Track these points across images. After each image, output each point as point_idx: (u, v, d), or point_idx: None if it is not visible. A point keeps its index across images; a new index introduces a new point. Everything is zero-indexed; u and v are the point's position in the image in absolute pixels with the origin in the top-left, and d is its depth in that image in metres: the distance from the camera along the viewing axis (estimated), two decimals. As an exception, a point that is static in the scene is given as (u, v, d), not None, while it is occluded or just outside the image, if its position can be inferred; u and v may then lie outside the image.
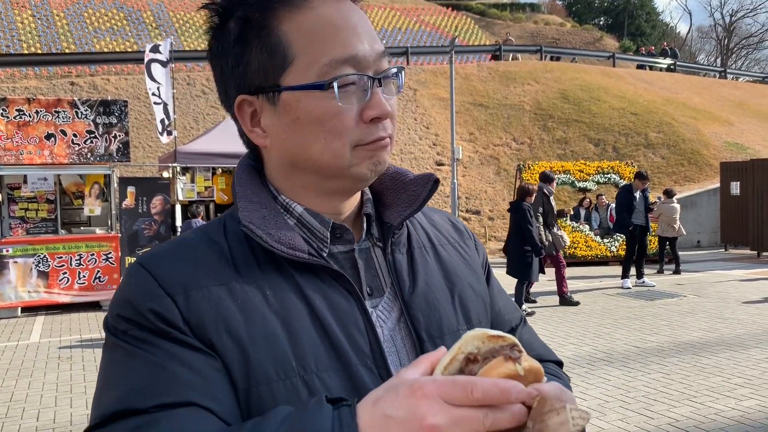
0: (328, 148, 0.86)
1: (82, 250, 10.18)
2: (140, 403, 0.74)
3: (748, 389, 5.64)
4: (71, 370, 6.76)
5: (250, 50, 0.87)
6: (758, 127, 23.42)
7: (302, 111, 0.86)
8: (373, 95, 0.87)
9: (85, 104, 10.36)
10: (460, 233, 1.10)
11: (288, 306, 0.84)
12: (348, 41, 0.86)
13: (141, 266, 0.84)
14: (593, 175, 15.00)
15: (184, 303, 0.80)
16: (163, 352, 0.78)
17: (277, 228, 0.87)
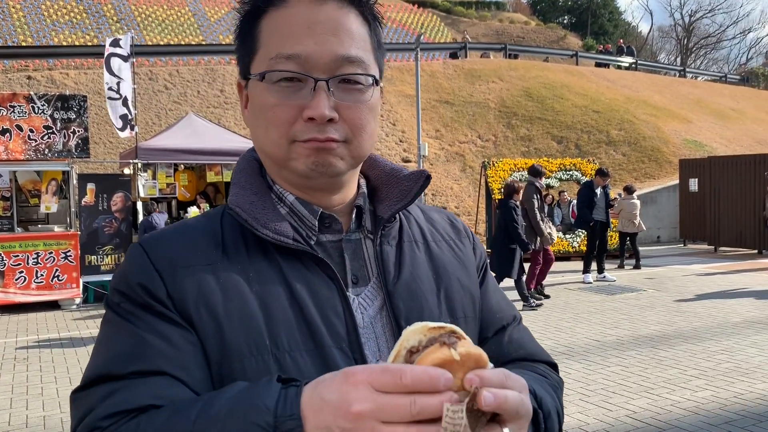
0: (268, 137, 0.92)
1: (39, 248, 9.95)
2: (118, 369, 0.82)
3: (703, 380, 5.79)
4: (27, 371, 6.61)
5: (241, 40, 0.96)
6: (715, 125, 24.00)
7: (254, 98, 0.94)
8: (314, 96, 0.88)
9: (42, 99, 10.12)
10: (457, 231, 1.12)
11: (268, 287, 0.88)
12: (299, 39, 0.89)
13: (140, 245, 0.93)
14: (556, 171, 15.20)
15: (170, 279, 0.87)
16: (145, 324, 0.85)
17: (264, 213, 0.93)
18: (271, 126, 0.91)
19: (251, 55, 0.94)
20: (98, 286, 10.60)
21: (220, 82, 20.07)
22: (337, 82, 0.90)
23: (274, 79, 0.89)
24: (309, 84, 0.89)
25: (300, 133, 0.90)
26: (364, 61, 0.92)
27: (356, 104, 0.91)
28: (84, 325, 8.88)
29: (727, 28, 56.28)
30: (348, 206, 1.00)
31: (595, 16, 49.51)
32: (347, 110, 0.91)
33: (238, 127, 17.83)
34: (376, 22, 0.97)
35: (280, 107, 0.90)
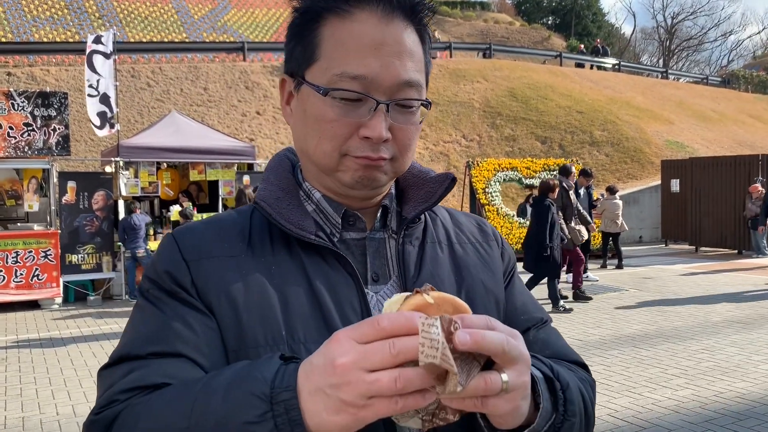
0: (320, 147, 0.93)
1: (19, 247, 9.82)
2: (139, 350, 0.87)
3: (684, 379, 5.84)
4: (6, 372, 6.52)
5: (298, 39, 0.97)
6: (696, 126, 24.25)
7: (308, 105, 0.94)
8: (373, 117, 0.90)
9: (22, 96, 10.00)
10: (484, 235, 1.13)
11: (288, 281, 0.92)
12: (365, 60, 0.90)
13: (172, 236, 0.97)
14: (540, 172, 15.27)
15: (195, 268, 0.91)
16: (169, 309, 0.90)
17: (289, 209, 0.96)
18: (325, 138, 0.92)
19: (309, 62, 0.94)
20: (79, 285, 10.49)
21: (203, 80, 19.94)
22: (394, 105, 0.92)
23: (336, 97, 0.91)
24: (369, 104, 0.90)
25: (354, 149, 0.92)
26: (421, 84, 0.95)
27: (408, 126, 0.94)
28: (64, 324, 8.77)
29: (708, 30, 56.89)
30: (374, 206, 1.02)
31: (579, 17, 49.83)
32: (398, 131, 0.93)
33: (222, 126, 17.72)
34: (428, 40, 0.99)
35: (338, 123, 0.91)
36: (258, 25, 29.45)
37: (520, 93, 22.91)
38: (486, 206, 14.49)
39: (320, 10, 0.93)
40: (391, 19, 0.92)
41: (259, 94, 20.03)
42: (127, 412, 0.81)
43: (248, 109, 19.36)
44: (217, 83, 19.97)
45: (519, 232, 14.23)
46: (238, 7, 30.71)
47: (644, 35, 59.46)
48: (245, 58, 22.17)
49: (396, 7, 0.92)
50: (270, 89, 20.33)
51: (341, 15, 0.92)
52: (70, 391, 5.85)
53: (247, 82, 20.36)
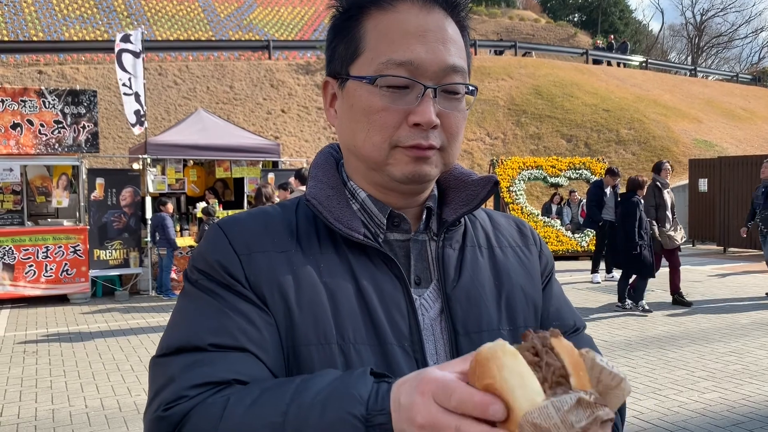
0: (369, 140, 0.92)
1: (49, 242, 10.01)
2: (200, 341, 0.84)
3: (711, 382, 5.76)
4: (37, 365, 6.65)
5: (340, 37, 0.97)
6: (726, 125, 23.85)
7: (356, 100, 0.93)
8: (420, 102, 0.90)
9: (52, 93, 10.17)
10: (524, 238, 1.11)
11: (337, 280, 0.91)
12: (411, 47, 0.90)
13: (219, 227, 0.96)
14: (565, 170, 15.15)
15: (247, 262, 0.90)
16: (226, 301, 0.88)
17: (339, 208, 0.95)
18: (374, 129, 0.92)
19: (353, 57, 0.94)
20: (107, 280, 10.66)
21: (229, 78, 20.11)
22: (441, 90, 0.92)
23: (382, 84, 0.90)
24: (416, 90, 0.90)
25: (404, 139, 0.91)
26: (465, 70, 0.95)
27: (455, 112, 0.94)
28: (92, 319, 8.93)
29: (739, 27, 56.11)
30: (418, 207, 1.01)
31: (605, 14, 49.26)
32: (446, 118, 0.93)
33: (247, 123, 17.86)
34: (467, 32, 0.99)
35: (387, 111, 0.90)
36: (283, 24, 29.60)
37: (546, 91, 22.74)
38: (510, 205, 14.42)
39: (362, 5, 0.94)
40: (432, 8, 0.93)
41: (284, 92, 20.15)
42: (203, 412, 0.79)
43: (273, 107, 19.48)
44: (242, 81, 20.13)
45: (543, 232, 14.13)
46: (263, 6, 30.90)
47: (672, 32, 58.64)
48: (270, 57, 22.31)
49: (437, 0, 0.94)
50: (295, 87, 20.44)
51: (383, 8, 0.93)
52: (98, 384, 5.96)
53: (272, 80, 20.49)
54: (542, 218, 14.52)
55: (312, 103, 20.00)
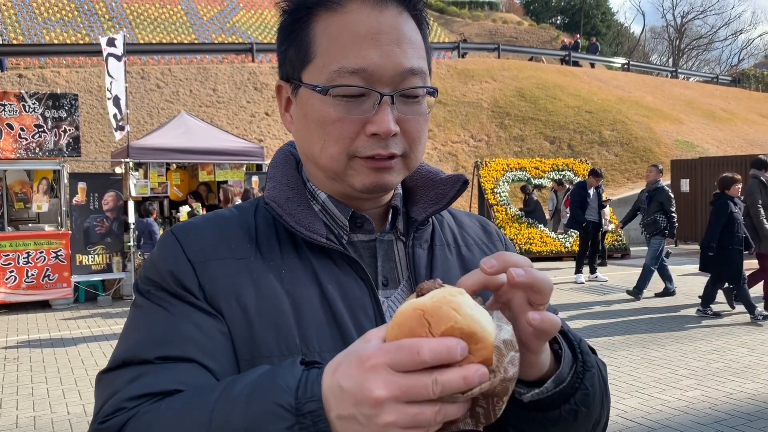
0: (326, 151, 0.88)
1: (30, 247, 9.90)
2: (146, 354, 0.81)
3: (694, 380, 5.81)
4: (18, 372, 6.57)
5: (290, 41, 0.92)
6: (706, 125, 24.12)
7: (309, 109, 0.89)
8: (378, 111, 0.86)
9: (33, 97, 10.07)
10: (489, 235, 1.10)
11: (300, 286, 0.87)
12: (363, 52, 0.85)
13: (172, 234, 0.92)
14: (548, 172, 15.24)
15: (202, 270, 0.86)
16: (177, 310, 0.84)
17: (299, 210, 0.92)
18: (330, 141, 0.88)
19: (304, 62, 0.90)
20: (89, 285, 10.56)
21: (212, 81, 20.02)
22: (399, 96, 0.87)
23: (335, 93, 0.86)
24: (372, 98, 0.86)
25: (362, 149, 0.87)
26: (424, 71, 0.90)
27: (415, 117, 0.89)
28: (75, 325, 8.83)
29: (718, 29, 56.70)
30: (382, 207, 0.98)
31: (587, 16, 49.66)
32: (407, 123, 0.88)
33: (231, 126, 17.79)
34: (425, 26, 0.94)
35: (342, 122, 0.86)
36: (267, 26, 29.53)
37: (529, 93, 22.86)
38: (494, 206, 14.47)
39: (309, 6, 0.89)
40: (384, 6, 0.87)
41: (268, 95, 20.09)
42: (136, 420, 0.75)
43: (257, 110, 19.42)
44: (225, 84, 20.04)
45: (527, 233, 14.20)
46: (246, 9, 30.82)
47: (654, 34, 59.25)
48: (254, 59, 22.25)
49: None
50: (278, 90, 20.43)
51: (332, 8, 0.87)
52: (80, 391, 5.89)
53: (255, 83, 20.42)
54: (526, 219, 14.59)
55: (296, 105, 19.99)
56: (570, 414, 0.83)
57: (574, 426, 0.85)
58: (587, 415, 0.85)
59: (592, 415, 0.87)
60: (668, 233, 9.65)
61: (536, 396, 0.81)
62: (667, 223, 9.63)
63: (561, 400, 0.82)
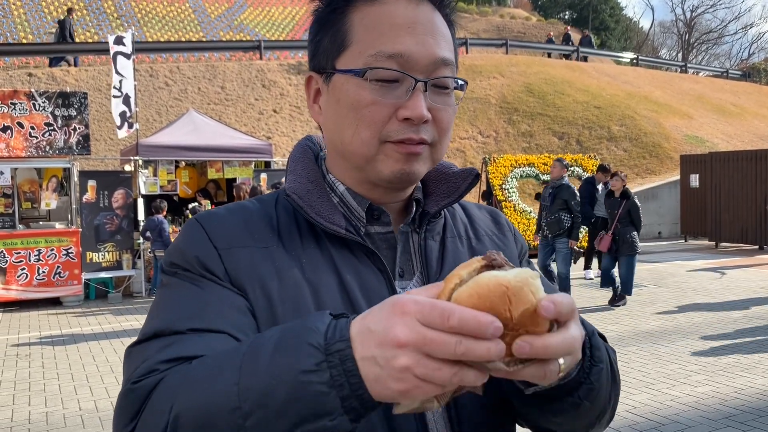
0: (357, 136, 0.90)
1: (41, 245, 9.97)
2: (178, 326, 0.83)
3: (703, 376, 5.80)
4: (30, 368, 6.63)
5: (325, 31, 0.94)
6: (716, 120, 23.96)
7: (343, 94, 0.91)
8: (411, 96, 0.88)
9: (42, 96, 10.13)
10: (499, 226, 1.13)
11: (320, 275, 0.90)
12: (400, 39, 0.88)
13: (197, 221, 0.94)
14: (557, 167, 15.16)
15: (227, 256, 0.88)
16: (205, 287, 0.87)
17: (319, 202, 0.94)
18: (363, 124, 0.89)
19: (339, 50, 0.92)
20: (99, 282, 10.63)
21: (220, 78, 20.06)
22: (431, 85, 0.90)
23: (372, 77, 0.88)
24: (406, 84, 0.88)
25: (394, 133, 0.89)
26: (455, 64, 0.93)
27: (445, 107, 0.92)
28: (86, 321, 8.90)
29: (728, 23, 56.35)
30: (401, 202, 1.01)
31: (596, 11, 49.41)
32: (437, 112, 0.91)
33: (239, 124, 17.83)
34: (453, 28, 0.98)
35: (376, 106, 0.88)
36: (274, 24, 29.56)
37: (537, 88, 22.78)
38: (503, 202, 14.45)
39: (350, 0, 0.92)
40: (420, 2, 0.92)
41: (276, 92, 20.12)
42: (169, 378, 0.76)
43: (265, 107, 19.46)
44: (234, 82, 20.08)
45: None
46: (254, 6, 30.85)
47: (663, 29, 58.88)
48: (262, 57, 22.27)
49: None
50: (286, 87, 20.41)
51: (370, 1, 0.91)
52: (92, 387, 5.94)
53: (263, 81, 20.45)
54: (535, 216, 14.54)
55: (304, 102, 19.96)
56: (572, 407, 0.84)
57: (577, 417, 0.86)
58: (591, 408, 0.86)
59: (596, 409, 0.87)
60: (572, 234, 9.04)
61: (537, 389, 0.81)
62: (572, 223, 9.03)
63: (564, 393, 0.83)
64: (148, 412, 0.75)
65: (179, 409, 0.72)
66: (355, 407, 0.67)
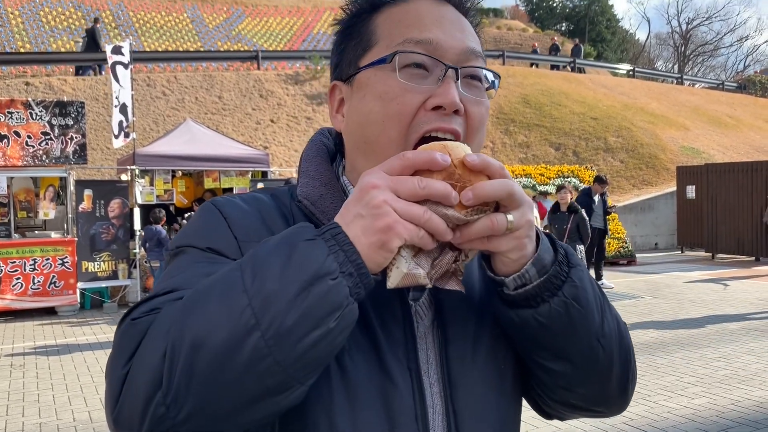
0: (385, 135, 0.86)
1: (36, 254, 9.93)
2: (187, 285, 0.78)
3: (700, 387, 5.78)
4: (24, 378, 6.59)
5: (349, 37, 0.93)
6: (712, 132, 24.06)
7: (369, 88, 0.88)
8: (442, 83, 0.85)
9: (39, 105, 10.13)
10: None
11: None
12: (428, 27, 0.87)
13: (215, 207, 0.90)
14: (554, 178, 15.22)
15: (246, 249, 0.83)
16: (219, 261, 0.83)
17: (333, 208, 0.91)
18: (391, 120, 0.85)
19: (365, 50, 0.90)
20: (95, 292, 10.58)
21: (218, 88, 20.09)
22: (463, 76, 0.87)
23: (401, 63, 0.85)
24: (437, 71, 0.85)
25: (423, 123, 0.85)
26: (484, 57, 0.92)
27: (478, 100, 0.89)
28: (81, 331, 8.85)
29: (724, 35, 56.56)
30: None
31: (592, 23, 49.71)
32: (471, 105, 0.88)
33: (236, 134, 17.84)
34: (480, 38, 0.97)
35: (404, 96, 0.85)
36: (272, 34, 29.65)
37: (534, 99, 22.86)
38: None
39: (376, 5, 0.91)
40: (445, 3, 0.91)
41: (273, 102, 20.15)
42: (168, 306, 0.74)
43: (262, 117, 19.48)
44: (231, 92, 20.11)
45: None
46: (252, 16, 30.95)
47: (659, 41, 59.24)
48: (259, 67, 22.33)
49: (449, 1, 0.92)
50: (284, 97, 20.45)
51: (395, 4, 0.90)
52: (86, 398, 5.90)
53: (261, 91, 20.49)
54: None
55: (301, 113, 20.01)
56: (562, 308, 0.82)
57: (571, 324, 0.84)
58: (583, 314, 0.84)
59: (588, 317, 0.86)
60: None
61: (519, 282, 0.82)
62: None
63: (549, 292, 0.82)
64: (147, 339, 0.72)
65: (180, 326, 0.70)
66: (352, 273, 0.72)
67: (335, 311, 0.71)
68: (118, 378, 0.72)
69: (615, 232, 14.44)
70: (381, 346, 0.86)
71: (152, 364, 0.70)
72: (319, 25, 32.23)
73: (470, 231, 0.76)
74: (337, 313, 0.71)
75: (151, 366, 0.70)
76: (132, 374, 0.71)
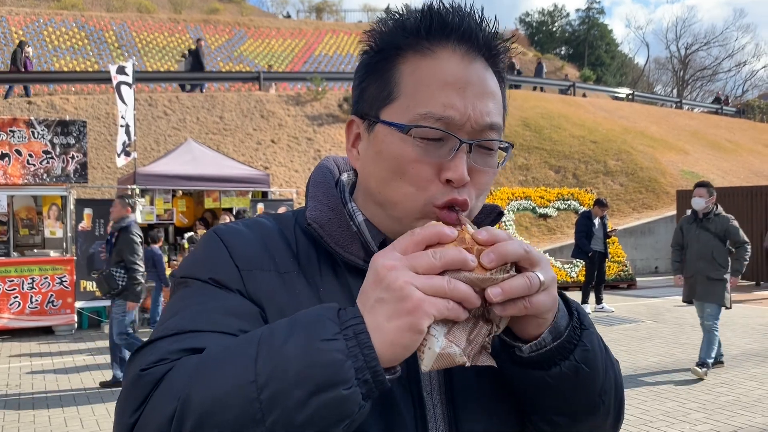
0: (400, 189, 0.89)
1: (34, 273, 9.89)
2: (191, 326, 0.82)
3: (702, 414, 5.73)
4: (19, 398, 6.52)
5: (373, 79, 0.93)
6: (712, 156, 24.15)
7: (385, 146, 0.89)
8: (454, 157, 0.87)
9: (42, 124, 10.16)
10: None
11: None
12: (451, 101, 0.87)
13: (217, 236, 0.92)
14: (553, 201, 15.24)
15: (248, 278, 0.88)
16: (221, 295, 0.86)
17: (339, 232, 0.94)
18: (406, 181, 0.88)
19: (386, 101, 0.90)
20: (93, 311, 10.52)
21: (219, 108, 20.19)
22: (476, 146, 0.89)
23: (417, 135, 0.87)
24: (450, 143, 0.87)
25: (439, 196, 0.87)
26: (501, 128, 0.92)
27: (486, 169, 0.91)
28: (78, 351, 8.78)
29: (722, 60, 56.94)
30: None
31: (592, 47, 50.14)
32: (477, 174, 0.90)
33: (237, 154, 17.88)
34: (504, 84, 0.97)
35: (420, 164, 0.87)
36: (274, 55, 29.87)
37: (534, 122, 22.96)
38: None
39: (399, 47, 0.90)
40: (474, 58, 0.90)
41: (274, 122, 20.24)
42: (180, 362, 0.75)
43: (263, 137, 19.54)
44: (232, 112, 20.21)
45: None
46: (254, 38, 31.22)
47: (658, 65, 59.68)
48: (261, 88, 22.46)
49: (478, 48, 0.90)
50: (285, 118, 20.54)
51: (421, 52, 0.89)
52: (82, 419, 5.84)
53: (262, 111, 20.59)
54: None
55: (302, 133, 20.09)
56: (571, 370, 0.85)
57: (577, 385, 0.86)
58: (590, 376, 0.87)
59: (594, 378, 0.88)
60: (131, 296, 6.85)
61: (535, 348, 0.83)
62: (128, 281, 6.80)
63: (561, 356, 0.84)
64: (157, 397, 0.74)
65: (190, 391, 0.71)
66: (368, 380, 0.71)
67: (344, 419, 0.72)
68: (126, 426, 0.76)
69: (615, 256, 14.41)
70: None
71: (160, 423, 0.72)
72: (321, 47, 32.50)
73: (510, 290, 0.75)
74: (346, 421, 0.72)
75: (158, 425, 0.72)
76: (139, 428, 0.74)
